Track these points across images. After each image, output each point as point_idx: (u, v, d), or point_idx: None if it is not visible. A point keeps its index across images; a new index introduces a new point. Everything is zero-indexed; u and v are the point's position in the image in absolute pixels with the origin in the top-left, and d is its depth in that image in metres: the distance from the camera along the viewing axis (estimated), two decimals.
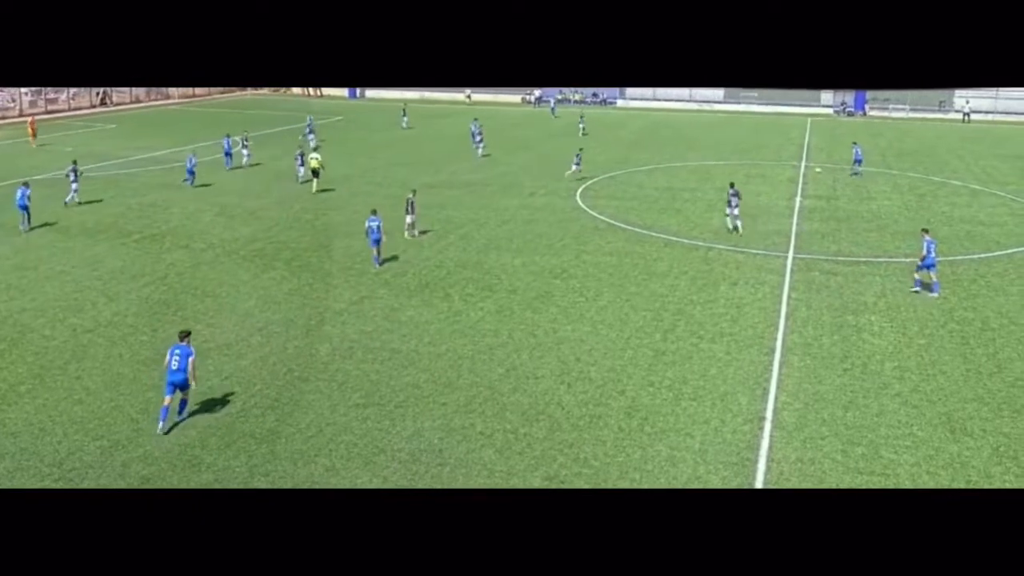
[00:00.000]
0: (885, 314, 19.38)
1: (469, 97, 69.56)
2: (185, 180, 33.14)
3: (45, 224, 26.75)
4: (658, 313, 19.31)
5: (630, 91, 69.20)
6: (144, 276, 21.69)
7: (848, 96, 65.36)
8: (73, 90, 61.60)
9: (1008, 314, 19.47)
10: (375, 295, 20.34)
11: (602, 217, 28.86)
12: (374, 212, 23.19)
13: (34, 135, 41.58)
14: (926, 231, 21.88)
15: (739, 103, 65.99)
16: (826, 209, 30.89)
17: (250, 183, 34.10)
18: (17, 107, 55.68)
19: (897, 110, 63.66)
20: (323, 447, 13.08)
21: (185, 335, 14.11)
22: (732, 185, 28.03)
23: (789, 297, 20.56)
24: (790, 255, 24.42)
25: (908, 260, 23.76)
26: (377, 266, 22.47)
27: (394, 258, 23.37)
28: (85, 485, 11.94)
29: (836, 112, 64.29)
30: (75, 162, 30.60)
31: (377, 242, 22.46)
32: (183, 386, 13.66)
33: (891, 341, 17.72)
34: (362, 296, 20.28)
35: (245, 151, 37.65)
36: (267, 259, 23.28)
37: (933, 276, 20.94)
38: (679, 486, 12.05)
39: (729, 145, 47.35)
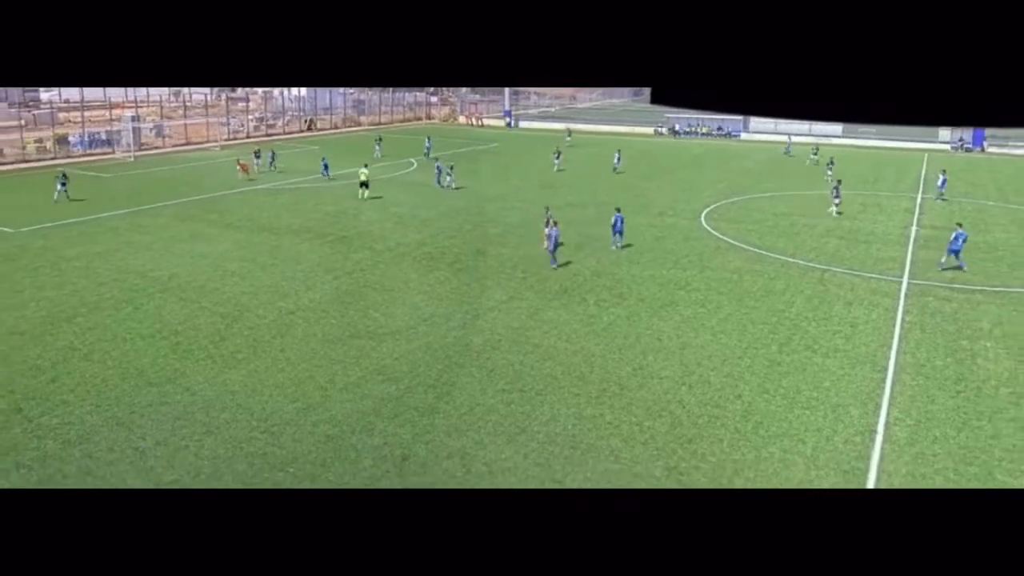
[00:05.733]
0: (1001, 341, 17.52)
1: (570, 133, 60.74)
2: (437, 183, 37.46)
3: (265, 227, 28.76)
4: (774, 327, 18.33)
5: (753, 124, 66.38)
6: (335, 270, 22.84)
7: (966, 133, 59.83)
8: (287, 117, 65.97)
9: None
10: (521, 296, 20.47)
11: (724, 238, 27.79)
12: (555, 223, 23.72)
13: (246, 171, 39.25)
14: (960, 225, 24.07)
15: (857, 138, 61.82)
16: (942, 238, 28.25)
17: (426, 198, 35.22)
18: (245, 131, 60.23)
19: (1017, 147, 57.67)
20: (474, 423, 13.26)
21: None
22: (839, 182, 33.78)
23: (903, 320, 19.00)
24: (905, 280, 22.58)
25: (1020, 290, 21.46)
26: (554, 267, 23.02)
27: (540, 266, 23.46)
28: (283, 440, 12.65)
29: (954, 148, 59.01)
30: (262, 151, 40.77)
31: (554, 249, 23.25)
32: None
33: (1007, 368, 15.98)
34: (510, 297, 20.46)
35: (449, 176, 37.58)
36: (433, 261, 23.95)
37: (955, 260, 23.35)
38: (791, 487, 11.34)
39: (847, 176, 44.33)
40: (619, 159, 44.39)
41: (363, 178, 33.90)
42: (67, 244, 25.21)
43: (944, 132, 61.63)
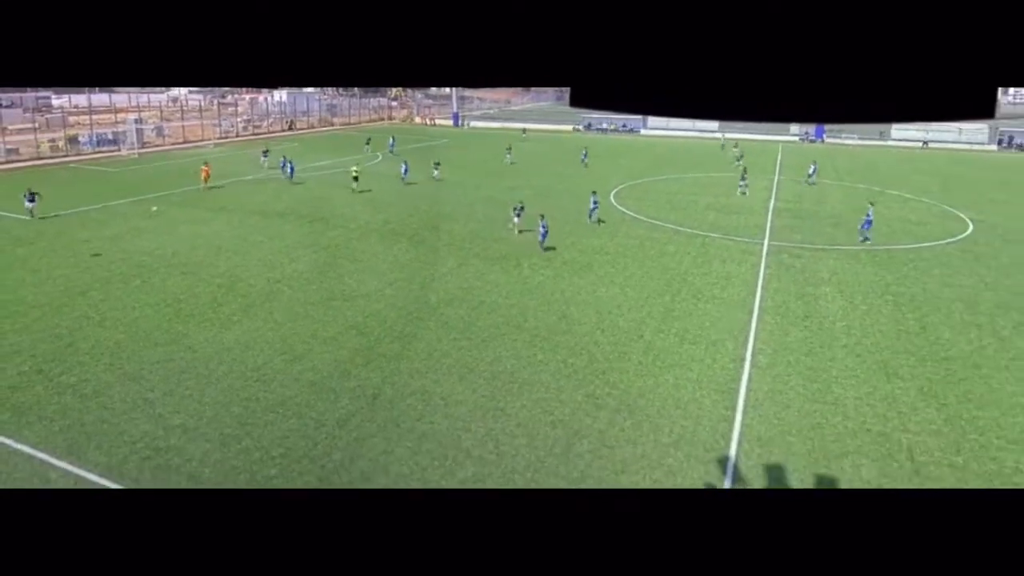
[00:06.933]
0: (836, 287, 18.27)
1: (525, 131, 59.72)
2: (401, 179, 33.97)
3: (255, 211, 27.46)
4: (668, 281, 18.63)
5: (651, 122, 66.73)
6: (314, 246, 22.04)
7: (811, 128, 61.73)
8: (271, 119, 62.89)
9: (931, 290, 18.14)
10: (469, 263, 20.20)
11: (629, 212, 27.99)
12: (543, 217, 21.94)
13: (207, 179, 31.41)
14: (872, 203, 24.53)
15: (729, 132, 62.93)
16: (793, 210, 29.27)
17: (392, 186, 34.22)
18: (235, 131, 57.15)
19: (849, 138, 59.88)
20: (432, 366, 13.07)
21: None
22: (745, 170, 33.83)
23: (764, 272, 19.58)
24: (766, 242, 23.24)
25: (854, 248, 22.38)
26: (541, 250, 21.19)
27: (484, 238, 23.15)
28: (273, 386, 12.19)
29: (801, 139, 60.85)
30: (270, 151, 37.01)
31: (543, 235, 21.24)
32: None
33: (841, 307, 16.70)
34: (460, 263, 20.16)
35: (436, 171, 34.99)
36: (396, 236, 23.36)
37: (863, 233, 23.12)
38: (682, 406, 11.60)
39: (721, 163, 45.28)
40: (586, 155, 43.33)
41: (355, 173, 32.43)
42: (80, 229, 23.52)
43: (794, 126, 63.39)
